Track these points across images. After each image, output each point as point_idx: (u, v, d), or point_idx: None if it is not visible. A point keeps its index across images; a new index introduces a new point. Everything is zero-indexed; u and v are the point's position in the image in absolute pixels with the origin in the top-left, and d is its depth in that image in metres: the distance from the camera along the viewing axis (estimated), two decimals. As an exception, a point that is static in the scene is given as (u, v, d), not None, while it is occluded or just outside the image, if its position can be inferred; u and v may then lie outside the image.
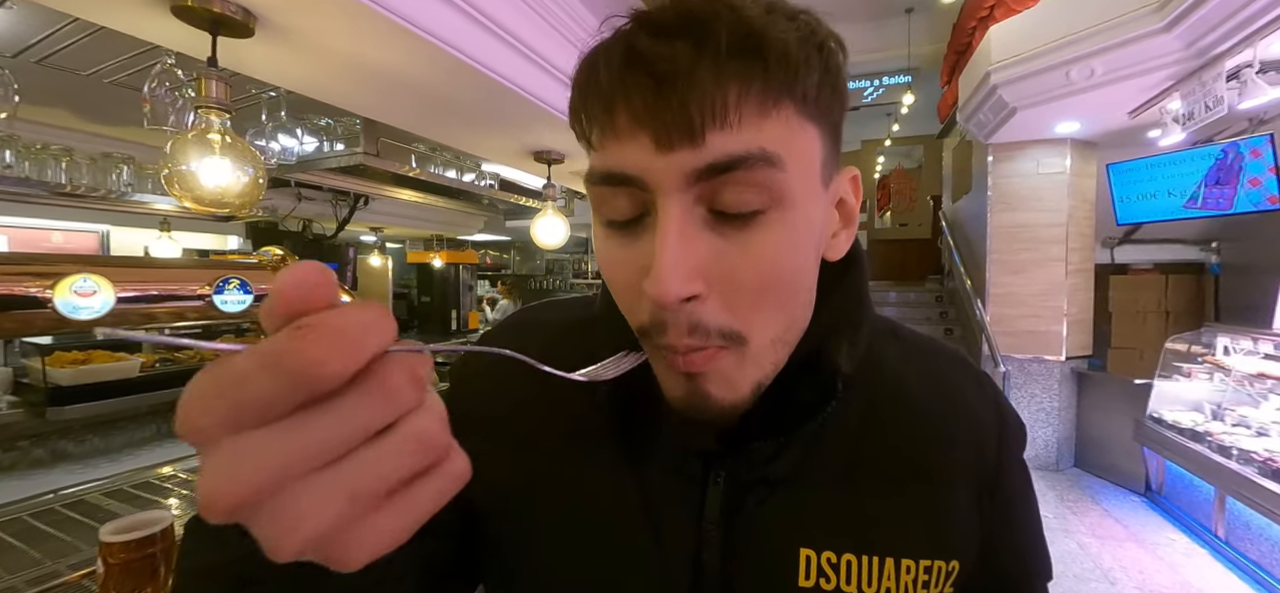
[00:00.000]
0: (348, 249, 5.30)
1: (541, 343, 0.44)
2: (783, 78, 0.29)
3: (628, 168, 0.30)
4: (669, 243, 0.29)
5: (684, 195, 0.29)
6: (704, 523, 0.37)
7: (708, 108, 0.28)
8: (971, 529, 0.39)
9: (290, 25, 1.16)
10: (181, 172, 0.97)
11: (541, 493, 0.40)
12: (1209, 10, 2.57)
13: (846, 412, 0.39)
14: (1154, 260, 5.18)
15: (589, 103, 0.31)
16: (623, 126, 0.29)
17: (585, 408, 0.40)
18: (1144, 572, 2.97)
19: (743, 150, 0.28)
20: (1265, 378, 3.00)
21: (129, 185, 2.54)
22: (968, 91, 4.35)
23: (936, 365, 0.43)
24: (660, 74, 0.28)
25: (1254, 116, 3.33)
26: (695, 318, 0.30)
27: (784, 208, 0.30)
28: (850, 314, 0.39)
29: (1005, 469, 0.41)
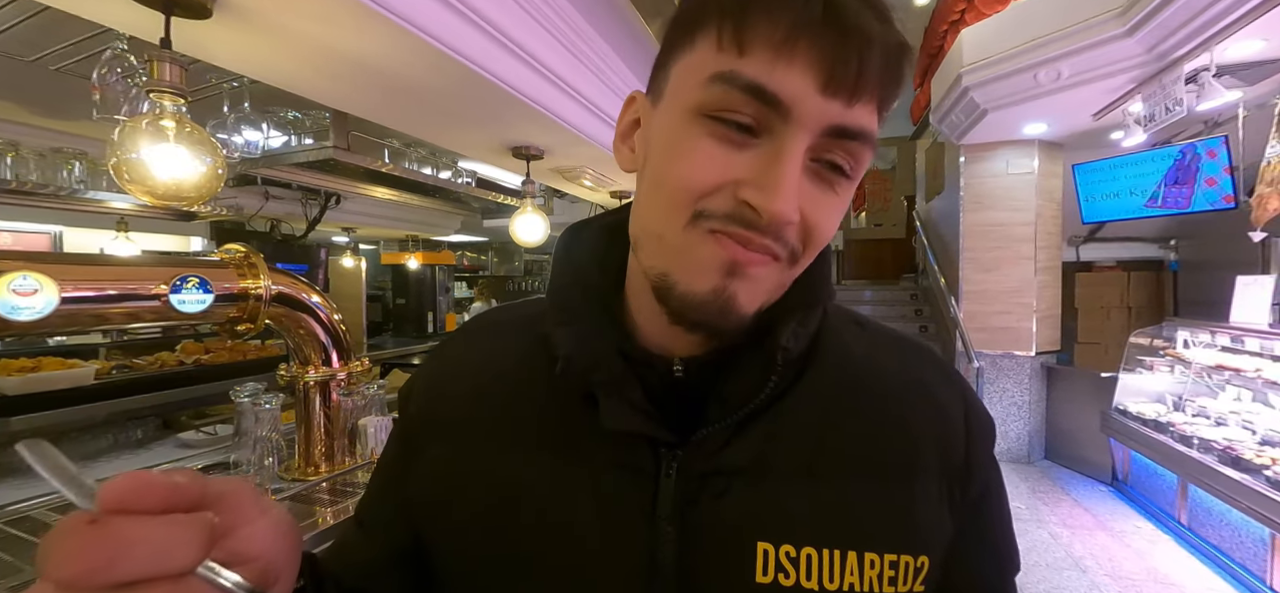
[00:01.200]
0: (319, 250, 5.14)
1: (493, 341, 0.46)
2: (899, 90, 0.34)
3: (781, 91, 0.31)
4: (791, 170, 0.32)
5: (810, 138, 0.32)
6: (657, 519, 0.36)
7: (870, 79, 0.32)
8: (941, 525, 0.38)
9: (251, 6, 1.10)
10: (132, 160, 0.91)
11: (492, 497, 0.39)
12: (1169, 15, 2.66)
13: (807, 399, 0.38)
14: (1117, 258, 5.37)
15: (774, 12, 0.31)
16: (797, 52, 0.31)
17: (534, 408, 0.40)
18: (1113, 559, 3.06)
19: (868, 128, 0.33)
20: (1223, 370, 3.12)
21: (82, 182, 2.41)
22: (940, 93, 4.44)
23: (902, 358, 0.43)
24: (850, 32, 0.31)
25: (1210, 119, 3.47)
26: (783, 232, 0.33)
27: (853, 184, 0.35)
28: (805, 295, 0.39)
29: (975, 465, 0.40)
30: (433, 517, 0.41)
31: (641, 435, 0.36)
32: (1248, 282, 3.27)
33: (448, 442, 0.42)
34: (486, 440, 0.40)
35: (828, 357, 0.40)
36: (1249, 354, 3.08)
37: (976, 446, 0.41)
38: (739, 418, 0.36)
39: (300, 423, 1.53)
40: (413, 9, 1.24)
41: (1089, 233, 5.17)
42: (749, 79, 0.31)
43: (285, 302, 1.58)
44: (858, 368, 0.41)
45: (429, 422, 0.43)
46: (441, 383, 0.45)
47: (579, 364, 0.37)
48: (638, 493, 0.36)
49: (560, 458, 0.38)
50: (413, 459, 0.43)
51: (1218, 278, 3.94)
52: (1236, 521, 2.77)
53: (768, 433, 0.37)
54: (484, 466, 0.40)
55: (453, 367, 0.45)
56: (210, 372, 2.99)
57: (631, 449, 0.37)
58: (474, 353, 0.46)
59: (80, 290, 1.05)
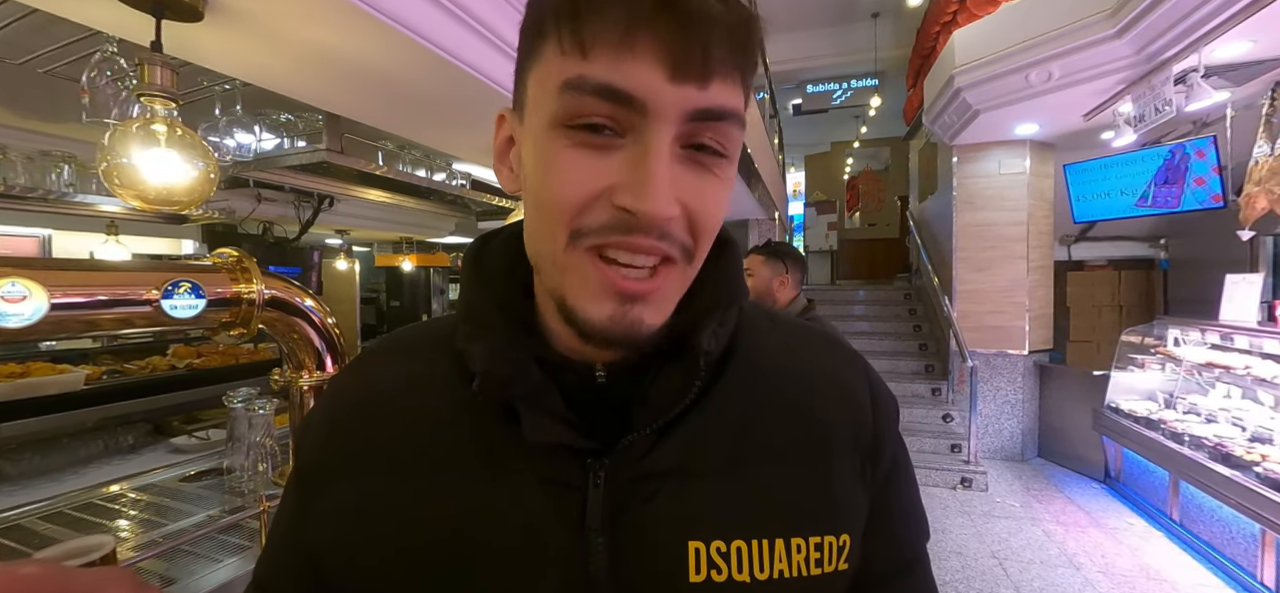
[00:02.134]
0: (312, 253, 5.11)
1: (396, 365, 0.43)
2: (754, 61, 0.34)
3: (635, 88, 0.30)
4: (661, 166, 0.31)
5: (673, 127, 0.31)
6: (587, 531, 0.35)
7: (721, 56, 0.31)
8: (857, 501, 0.40)
9: (243, 8, 1.09)
10: (122, 165, 0.90)
11: (408, 531, 0.36)
12: (1158, 17, 2.69)
13: (727, 396, 0.39)
14: (1108, 257, 5.42)
15: (597, 9, 0.30)
16: (640, 46, 0.30)
17: (449, 431, 0.38)
18: (1105, 556, 3.08)
19: (732, 106, 0.32)
20: (1213, 367, 3.15)
21: (71, 186, 2.38)
22: (933, 94, 4.47)
23: (811, 348, 0.44)
24: (690, 14, 0.30)
25: (1199, 119, 3.51)
26: (667, 228, 0.32)
27: (731, 162, 0.34)
28: (721, 296, 0.39)
29: (882, 440, 0.42)
30: (342, 563, 0.37)
31: (567, 447, 0.35)
32: (1237, 280, 3.30)
33: (352, 478, 0.38)
34: (397, 471, 0.38)
35: (744, 353, 0.41)
36: (1238, 352, 3.12)
37: (883, 423, 0.42)
38: (664, 421, 0.36)
39: (294, 428, 1.52)
40: (407, 11, 1.24)
41: (1080, 232, 5.22)
42: (597, 80, 0.30)
43: (278, 306, 1.56)
44: (772, 362, 0.42)
45: (329, 460, 0.40)
46: (340, 417, 0.41)
47: (496, 377, 0.35)
48: (566, 507, 0.35)
49: (481, 480, 0.36)
50: (312, 503, 0.40)
51: (1207, 276, 3.98)
52: (1227, 517, 2.80)
53: (691, 433, 0.37)
54: (396, 498, 0.37)
55: (353, 397, 0.42)
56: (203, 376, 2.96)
57: (557, 462, 0.36)
58: (376, 380, 0.42)
59: (70, 296, 1.04)
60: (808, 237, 9.31)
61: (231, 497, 1.49)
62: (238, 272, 1.46)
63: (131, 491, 1.59)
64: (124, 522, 1.39)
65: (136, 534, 1.31)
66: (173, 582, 1.08)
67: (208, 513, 1.39)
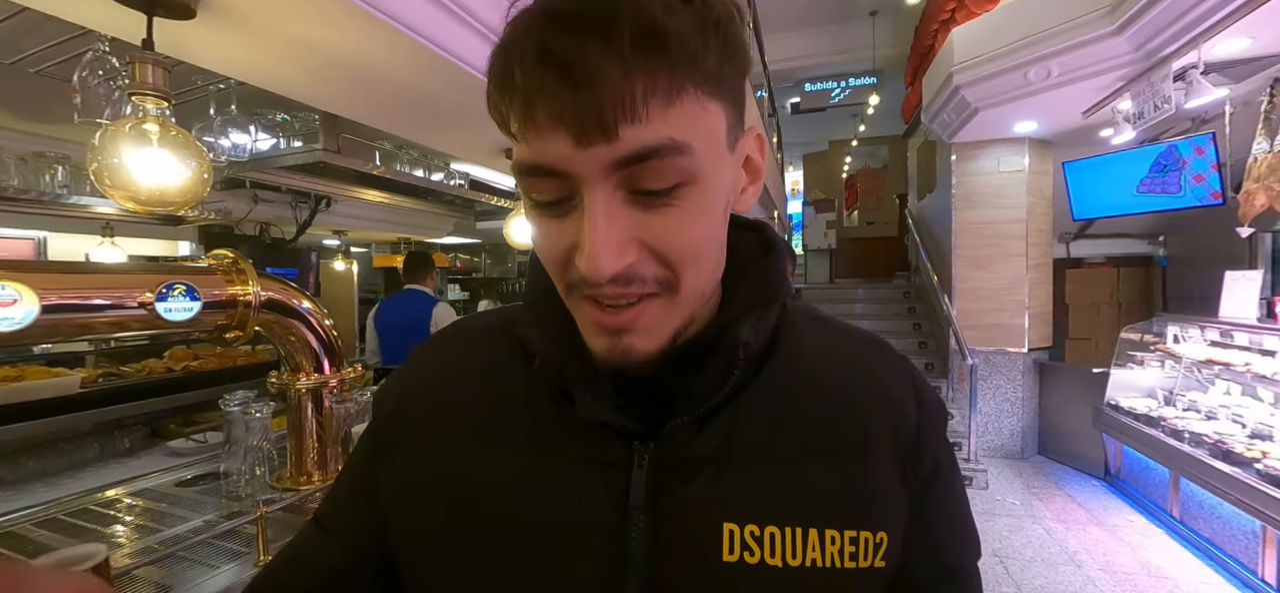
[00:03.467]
0: (309, 254, 5.09)
1: (465, 346, 0.47)
2: (684, 66, 0.31)
3: (551, 161, 0.32)
4: (598, 226, 0.32)
5: (605, 182, 0.32)
6: (629, 508, 0.37)
7: (618, 105, 0.30)
8: (896, 503, 0.40)
9: (236, 5, 1.07)
10: (113, 166, 0.88)
11: (466, 495, 0.40)
12: (1157, 13, 2.69)
13: (767, 390, 0.40)
14: (1107, 254, 5.43)
15: (507, 98, 0.32)
16: (542, 124, 0.31)
17: (508, 408, 0.41)
18: (1106, 553, 3.08)
19: (655, 142, 0.31)
20: (1212, 364, 3.15)
21: (65, 187, 2.36)
22: (931, 92, 4.46)
23: (855, 347, 0.45)
24: (573, 76, 0.30)
25: (1198, 116, 3.51)
26: (631, 273, 0.33)
27: (696, 182, 0.33)
28: (763, 293, 0.41)
29: (925, 445, 0.42)
30: (405, 520, 0.42)
31: (614, 429, 0.38)
32: (1236, 277, 3.30)
33: (421, 445, 0.42)
34: (460, 441, 0.41)
35: (786, 349, 0.42)
36: (1238, 348, 3.12)
37: (926, 427, 0.42)
38: (705, 410, 0.38)
39: (292, 431, 1.51)
40: (404, 9, 1.22)
41: (1079, 230, 5.22)
42: (525, 163, 0.33)
43: (275, 308, 1.55)
44: (813, 359, 0.42)
45: (401, 426, 0.44)
46: (414, 388, 0.46)
47: (554, 361, 0.39)
48: (610, 484, 0.38)
49: (535, 455, 0.39)
50: (384, 464, 0.44)
51: (1206, 273, 3.99)
52: (1227, 513, 2.80)
53: (731, 423, 0.39)
54: (458, 468, 0.41)
55: (425, 373, 0.47)
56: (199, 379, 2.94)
57: (604, 443, 0.38)
58: (446, 358, 0.47)
59: (62, 300, 1.03)
60: (806, 235, 9.30)
61: (228, 501, 1.47)
62: (234, 273, 1.45)
63: (127, 495, 1.57)
64: (120, 527, 1.37)
65: (132, 540, 1.29)
66: (169, 590, 1.06)
67: (205, 518, 1.38)
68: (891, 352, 0.46)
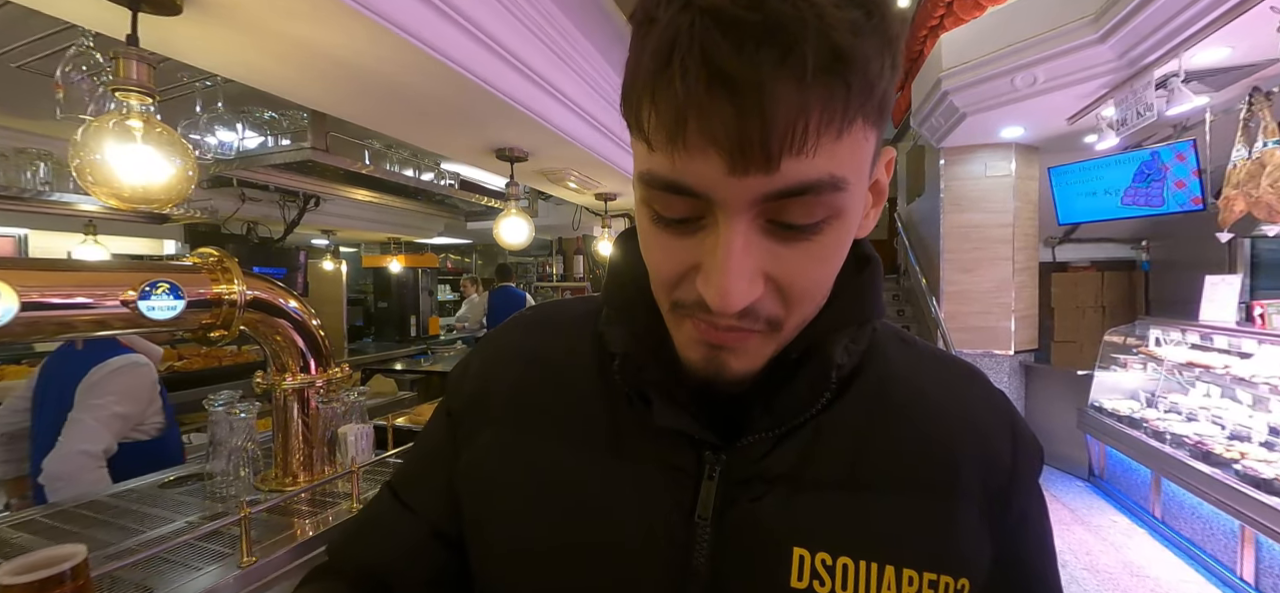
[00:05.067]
0: (298, 253, 5.04)
1: (547, 336, 0.46)
2: (862, 95, 0.28)
3: (695, 183, 0.29)
4: (733, 259, 0.29)
5: (748, 212, 0.29)
6: (696, 519, 0.36)
7: (787, 135, 0.27)
8: (982, 550, 0.37)
9: (224, 1, 1.07)
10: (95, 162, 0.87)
11: (538, 485, 0.39)
12: (1140, 22, 2.74)
13: (849, 412, 0.38)
14: (1091, 258, 5.51)
15: (657, 103, 0.28)
16: (694, 142, 0.28)
17: (584, 403, 0.40)
18: (1090, 553, 3.12)
19: (815, 177, 0.28)
20: (1193, 366, 3.21)
21: (47, 184, 2.32)
22: (920, 97, 4.51)
23: (949, 376, 0.42)
24: (741, 98, 0.26)
25: (1179, 123, 3.57)
26: (751, 308, 0.31)
27: (842, 218, 0.31)
28: (858, 312, 0.38)
29: (1016, 486, 0.39)
30: (479, 500, 0.41)
31: (688, 436, 0.37)
32: (1216, 281, 3.36)
33: (498, 428, 0.42)
34: (536, 431, 0.41)
35: (872, 372, 0.39)
36: (1218, 351, 3.18)
37: (1021, 469, 0.39)
38: (785, 428, 0.36)
39: (277, 432, 1.49)
40: (393, 7, 1.22)
41: (1064, 234, 5.30)
42: (660, 177, 0.30)
43: (261, 307, 1.53)
44: (901, 385, 0.40)
45: (481, 407, 0.44)
46: (495, 370, 0.45)
47: (633, 361, 0.38)
48: (679, 492, 0.37)
49: (607, 453, 0.39)
50: (463, 443, 0.44)
51: (1187, 277, 4.06)
52: (1207, 513, 2.85)
53: (809, 443, 0.37)
54: (532, 455, 0.40)
55: (507, 356, 0.46)
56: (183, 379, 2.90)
57: (676, 450, 0.37)
58: (528, 345, 0.46)
59: (42, 297, 1.01)
60: (797, 238, 9.35)
61: (212, 503, 1.45)
62: (218, 272, 1.43)
63: (108, 496, 1.55)
64: (100, 529, 1.35)
65: (113, 542, 1.27)
66: (151, 591, 1.05)
67: (187, 520, 1.36)
68: (987, 384, 0.43)
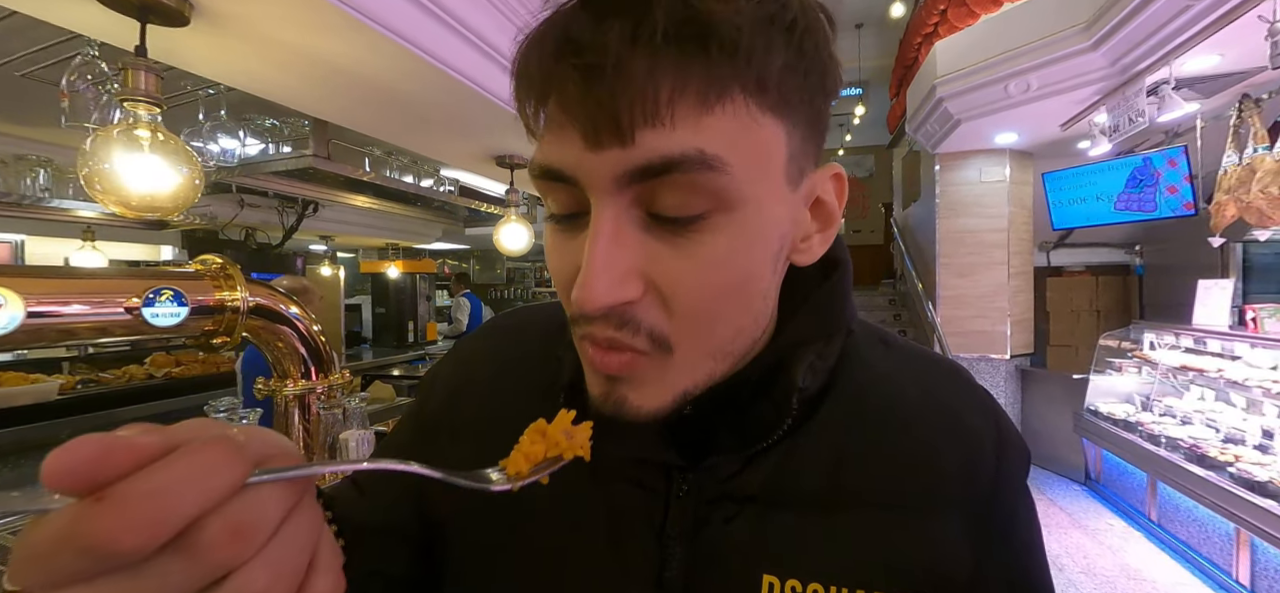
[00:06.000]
0: (295, 259, 5.04)
1: (518, 345, 0.44)
2: (731, 67, 0.26)
3: (560, 163, 0.28)
4: (599, 246, 0.27)
5: (618, 197, 0.27)
6: (667, 538, 0.34)
7: (638, 104, 0.25)
8: (965, 560, 0.35)
9: (231, 13, 1.08)
10: (103, 171, 0.88)
11: (503, 503, 0.37)
12: (1131, 30, 2.78)
13: (826, 425, 0.36)
14: (1085, 263, 5.55)
15: (525, 89, 0.29)
16: (555, 119, 0.28)
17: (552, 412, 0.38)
18: (1088, 557, 3.13)
19: (678, 152, 0.26)
20: (1187, 370, 3.23)
21: (46, 190, 2.33)
22: (915, 104, 4.55)
23: (932, 379, 0.39)
24: (588, 64, 0.25)
25: (1171, 129, 3.62)
26: (626, 314, 0.29)
27: (731, 210, 0.28)
28: (822, 325, 0.36)
29: (1002, 491, 0.37)
30: (445, 511, 0.40)
31: (650, 460, 0.35)
32: (1209, 285, 3.40)
33: (467, 443, 0.40)
34: (503, 445, 0.39)
35: (849, 381, 0.37)
36: (1211, 355, 3.20)
37: (1006, 473, 0.37)
38: (752, 451, 0.35)
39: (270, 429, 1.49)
40: (396, 17, 1.23)
41: (1059, 239, 5.34)
42: (537, 163, 0.29)
43: (263, 314, 1.54)
44: (880, 393, 0.37)
45: (450, 417, 0.42)
46: (465, 377, 0.44)
47: (580, 390, 0.35)
48: (650, 511, 0.35)
49: (578, 473, 0.36)
50: (428, 449, 0.41)
51: (1181, 282, 4.10)
52: (1203, 516, 2.86)
53: (783, 460, 0.35)
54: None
55: (478, 364, 0.44)
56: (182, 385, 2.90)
57: (645, 468, 0.36)
58: (500, 355, 0.44)
59: (48, 305, 1.01)
60: (794, 243, 9.42)
61: (213, 509, 1.46)
62: (221, 279, 1.44)
63: (108, 504, 1.55)
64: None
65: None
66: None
67: (189, 526, 1.36)
68: (969, 382, 0.41)
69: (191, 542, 0.17)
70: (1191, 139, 3.46)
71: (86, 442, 0.17)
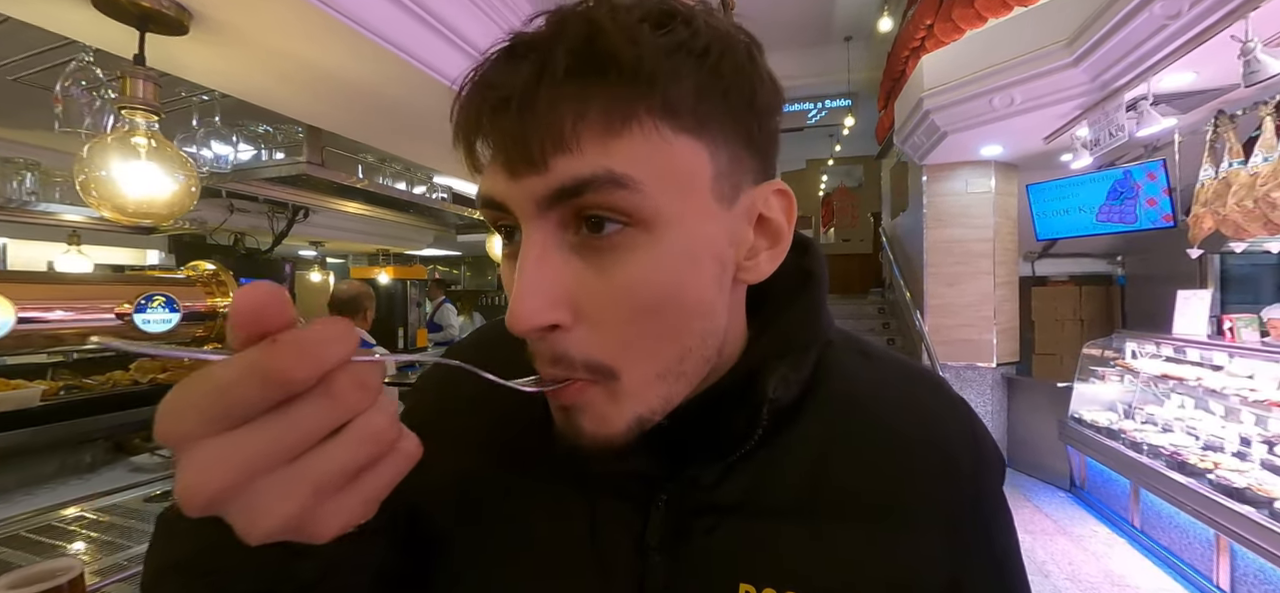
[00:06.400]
0: (284, 265, 5.00)
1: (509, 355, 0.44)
2: (633, 92, 0.28)
3: (490, 192, 0.30)
4: (526, 268, 0.29)
5: (542, 220, 0.29)
6: (647, 549, 0.35)
7: (547, 134, 0.28)
8: (940, 568, 0.36)
9: (230, 23, 1.08)
10: (100, 177, 0.88)
11: (486, 511, 0.39)
12: (1110, 47, 2.85)
13: (806, 436, 0.36)
14: (1069, 273, 5.66)
15: (457, 133, 0.31)
16: (481, 154, 0.30)
17: (537, 430, 0.38)
18: (1072, 563, 3.18)
19: (588, 173, 0.28)
20: (1168, 379, 3.30)
21: (33, 193, 2.30)
22: (903, 116, 4.63)
23: (910, 390, 0.40)
24: (501, 100, 0.28)
25: (1150, 143, 3.71)
26: (558, 348, 0.30)
27: (649, 228, 0.29)
28: (795, 337, 0.37)
29: (980, 502, 0.38)
30: (431, 514, 0.40)
31: (629, 472, 0.36)
32: (1188, 296, 3.48)
33: (454, 455, 0.41)
34: (492, 460, 0.40)
35: (828, 392, 0.38)
36: (1191, 364, 3.27)
37: (984, 485, 0.38)
38: (730, 461, 0.36)
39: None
40: (392, 27, 1.25)
41: (1043, 249, 5.43)
42: (480, 194, 0.31)
43: (255, 320, 1.54)
44: (859, 403, 0.38)
45: (438, 423, 0.42)
46: (452, 393, 0.45)
47: None
48: (630, 522, 0.36)
49: (560, 482, 0.38)
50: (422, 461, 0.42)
51: (1162, 291, 4.19)
52: (1184, 523, 2.91)
53: (762, 470, 0.36)
54: (488, 487, 0.40)
55: (463, 382, 0.44)
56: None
57: (627, 478, 0.36)
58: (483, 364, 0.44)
59: (39, 310, 1.01)
60: (785, 251, 9.49)
61: (201, 517, 1.45)
62: (213, 285, 1.44)
63: (92, 512, 1.53)
64: (84, 544, 1.33)
65: (99, 557, 1.26)
66: (141, 606, 1.04)
67: (176, 534, 1.35)
68: (947, 393, 0.41)
69: (329, 388, 0.21)
70: (1170, 153, 3.56)
71: (259, 289, 0.21)
